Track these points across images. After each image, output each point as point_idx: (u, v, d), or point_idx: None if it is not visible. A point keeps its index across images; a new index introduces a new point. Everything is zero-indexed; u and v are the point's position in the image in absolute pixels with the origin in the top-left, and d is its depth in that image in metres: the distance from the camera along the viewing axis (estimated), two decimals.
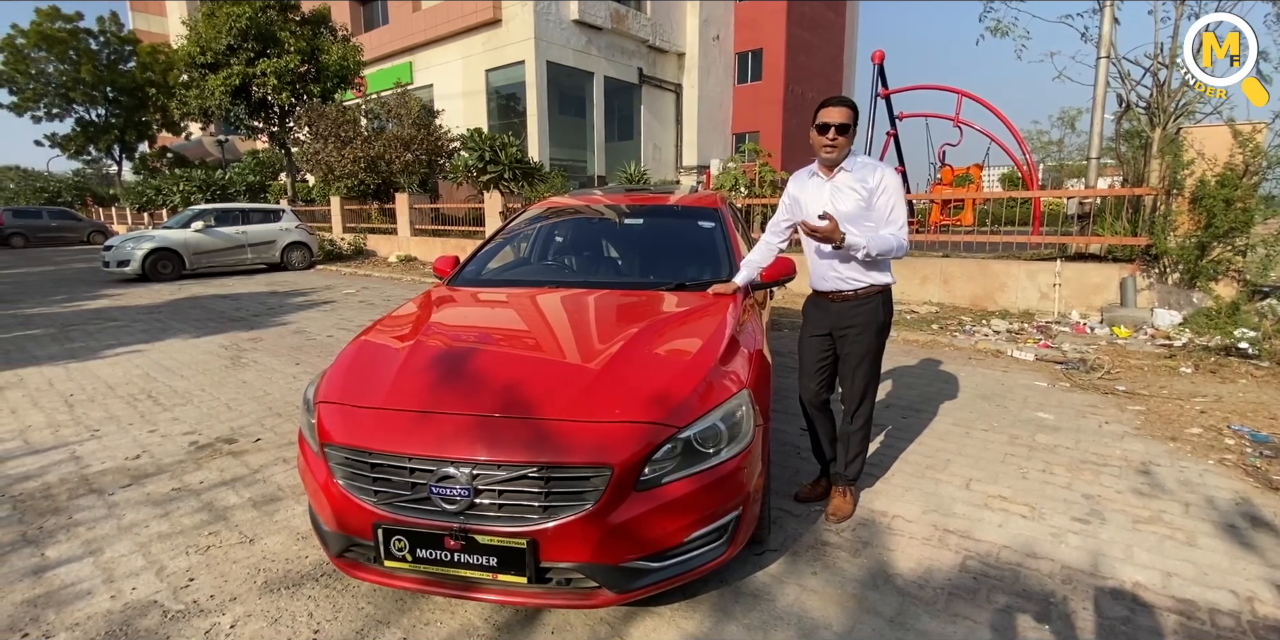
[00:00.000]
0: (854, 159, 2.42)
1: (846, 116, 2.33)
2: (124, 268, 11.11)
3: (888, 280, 2.51)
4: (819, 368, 2.64)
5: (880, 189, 2.36)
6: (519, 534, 1.68)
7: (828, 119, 2.33)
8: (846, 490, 2.63)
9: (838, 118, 2.32)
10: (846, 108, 2.34)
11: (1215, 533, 2.44)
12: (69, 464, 3.30)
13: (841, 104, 2.36)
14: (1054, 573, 2.19)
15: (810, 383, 2.66)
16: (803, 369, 2.70)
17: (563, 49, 19.67)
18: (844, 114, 2.33)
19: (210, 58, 14.91)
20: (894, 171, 2.45)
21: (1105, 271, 6.04)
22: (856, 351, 2.53)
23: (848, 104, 2.37)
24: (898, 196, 2.39)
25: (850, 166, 2.40)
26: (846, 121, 2.32)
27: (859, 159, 2.43)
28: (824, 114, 2.35)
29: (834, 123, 2.32)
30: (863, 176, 2.37)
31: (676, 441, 1.80)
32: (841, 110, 2.33)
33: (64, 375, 5.05)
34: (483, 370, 2.03)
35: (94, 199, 34.28)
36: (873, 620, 1.96)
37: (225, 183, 20.75)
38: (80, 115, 28.57)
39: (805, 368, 2.68)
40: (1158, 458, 3.13)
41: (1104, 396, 4.09)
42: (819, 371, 2.64)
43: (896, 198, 2.39)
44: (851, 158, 2.42)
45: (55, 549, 2.47)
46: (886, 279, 2.51)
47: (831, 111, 2.34)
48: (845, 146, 2.37)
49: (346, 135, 14.39)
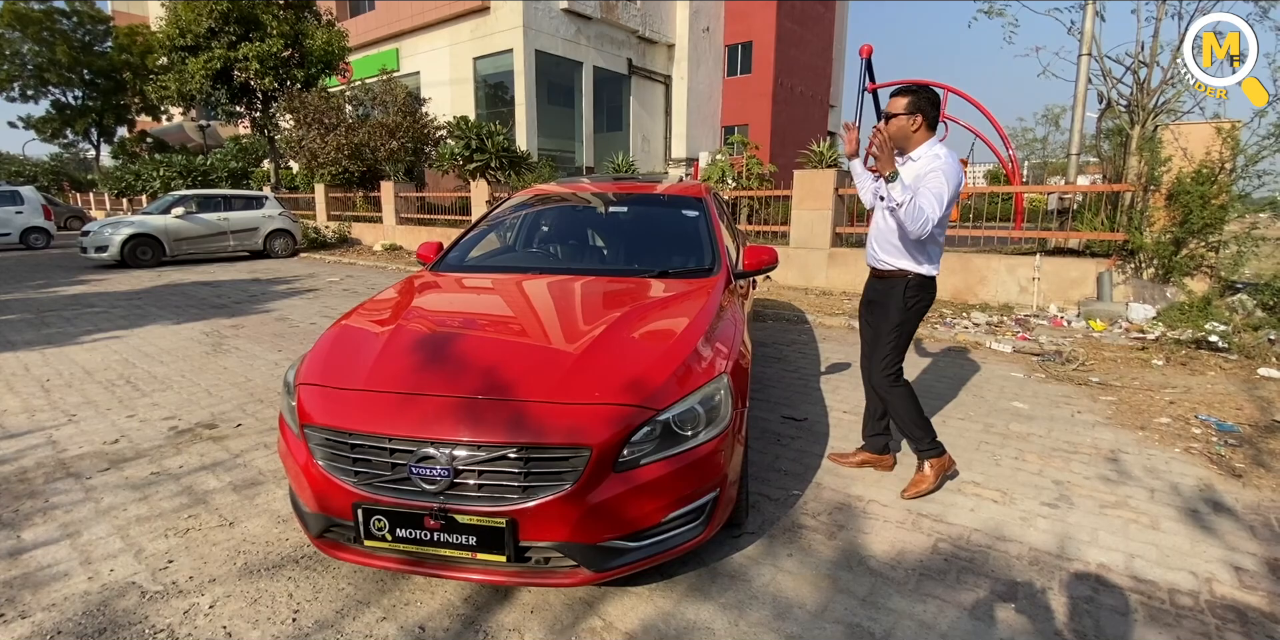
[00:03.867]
0: (929, 150, 2.49)
1: (894, 107, 2.51)
2: (102, 253, 10.92)
3: (919, 269, 2.58)
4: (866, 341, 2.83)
5: (928, 177, 2.41)
6: (498, 513, 1.70)
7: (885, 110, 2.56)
8: (922, 465, 2.70)
9: (888, 108, 2.54)
10: (897, 97, 2.51)
11: (1178, 517, 2.52)
12: (45, 448, 3.26)
13: (896, 94, 2.53)
14: (1022, 555, 2.26)
15: (865, 354, 2.86)
16: (861, 343, 2.91)
17: (552, 38, 19.48)
18: (892, 105, 2.52)
19: (190, 41, 14.59)
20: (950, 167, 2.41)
21: (1083, 266, 6.15)
22: (876, 328, 2.72)
23: (899, 93, 2.52)
24: (936, 184, 2.38)
25: (919, 155, 2.50)
26: (893, 111, 2.51)
27: (934, 151, 2.47)
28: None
29: (886, 112, 2.53)
30: (922, 166, 2.46)
31: (655, 424, 1.83)
32: (892, 101, 2.53)
33: (40, 360, 4.97)
34: (463, 353, 2.04)
35: (71, 184, 33.55)
36: (845, 599, 2.01)
37: (207, 169, 20.37)
38: (56, 97, 27.90)
39: (862, 342, 2.89)
40: (1126, 446, 3.22)
41: (1078, 387, 4.18)
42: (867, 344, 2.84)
43: (935, 185, 2.38)
44: (928, 147, 2.50)
45: (32, 532, 2.45)
46: (917, 267, 2.58)
47: (888, 103, 2.54)
48: (894, 132, 2.51)
49: (330, 122, 14.19)
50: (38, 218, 14.91)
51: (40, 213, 14.95)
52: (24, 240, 14.85)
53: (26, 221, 14.79)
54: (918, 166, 2.49)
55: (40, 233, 15.03)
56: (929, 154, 2.50)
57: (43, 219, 14.98)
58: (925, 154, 2.51)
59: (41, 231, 15.05)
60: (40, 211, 14.96)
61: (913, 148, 2.54)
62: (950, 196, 2.42)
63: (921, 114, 2.50)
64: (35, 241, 14.99)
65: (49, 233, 15.21)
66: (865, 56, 10.59)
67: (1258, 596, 2.03)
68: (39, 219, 14.92)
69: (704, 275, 2.73)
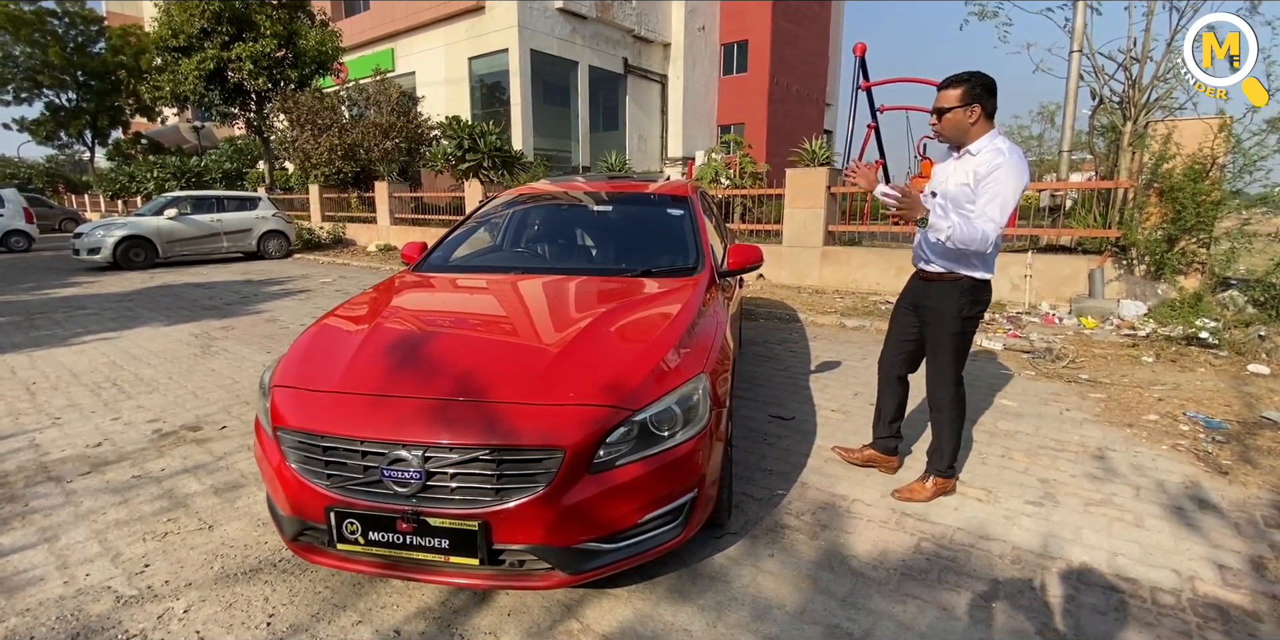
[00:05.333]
0: (991, 143, 2.30)
1: (943, 100, 2.34)
2: (95, 256, 10.88)
3: (973, 272, 2.41)
4: (899, 340, 2.72)
5: (991, 180, 2.23)
6: (471, 516, 1.68)
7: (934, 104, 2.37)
8: (929, 477, 2.62)
9: (937, 102, 2.36)
10: (948, 88, 2.33)
11: (1163, 515, 2.51)
12: (28, 452, 3.24)
13: (943, 87, 2.34)
14: (1005, 554, 2.24)
15: (888, 351, 2.77)
16: (886, 336, 2.80)
17: (547, 37, 19.45)
18: (942, 97, 2.34)
19: (183, 41, 14.54)
20: (1014, 165, 2.23)
21: (1075, 263, 6.14)
22: (932, 337, 2.58)
23: (949, 84, 2.32)
24: (1000, 187, 2.22)
25: (979, 149, 2.31)
26: (944, 105, 2.33)
27: (997, 144, 2.28)
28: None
29: (935, 107, 2.36)
30: (982, 162, 2.27)
31: (631, 425, 1.81)
32: (940, 94, 2.35)
33: (27, 363, 4.95)
34: (438, 354, 2.03)
35: (66, 186, 33.44)
36: (825, 600, 1.99)
37: (201, 170, 20.33)
38: (50, 99, 27.80)
39: (888, 336, 2.78)
40: (1114, 444, 3.21)
41: (1067, 385, 4.17)
42: (898, 343, 2.73)
43: (999, 188, 2.22)
44: (989, 139, 2.31)
45: (9, 536, 2.43)
46: (970, 271, 2.41)
47: (937, 96, 2.36)
48: (947, 129, 2.36)
49: (324, 122, 14.15)
50: (18, 220, 14.75)
51: (21, 215, 14.78)
52: (4, 243, 14.74)
53: (7, 224, 14.65)
54: (977, 163, 2.28)
55: (21, 235, 14.85)
56: (990, 148, 2.28)
57: (23, 222, 14.81)
58: (986, 147, 2.29)
59: (22, 234, 14.87)
60: (21, 214, 14.79)
61: (971, 141, 2.33)
62: (1017, 198, 2.24)
63: (979, 103, 2.29)
64: (16, 244, 14.86)
65: (30, 236, 15.02)
66: (859, 54, 10.58)
67: (1240, 595, 2.02)
68: (20, 222, 14.75)
69: (686, 274, 2.71)
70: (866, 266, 7.49)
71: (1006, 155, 2.26)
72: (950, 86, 2.33)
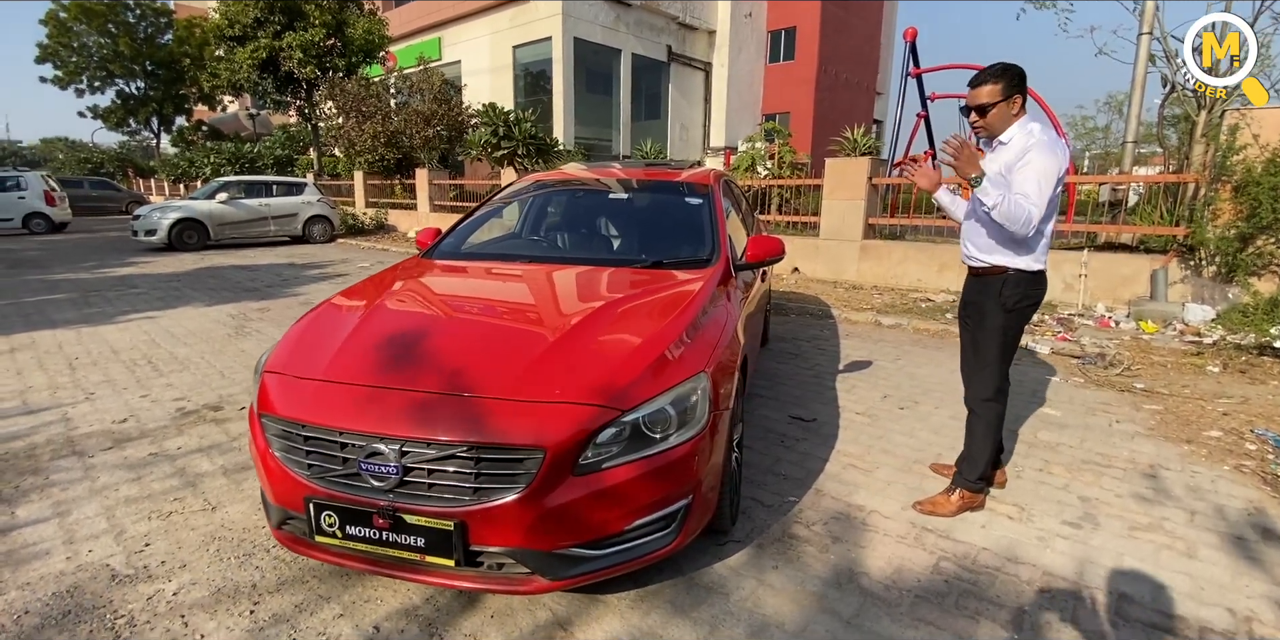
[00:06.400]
0: (1023, 129, 2.24)
1: (982, 97, 2.23)
2: (151, 237, 11.35)
3: (1017, 262, 2.29)
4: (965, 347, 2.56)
5: (1021, 164, 2.17)
6: (446, 515, 1.61)
7: (966, 103, 2.28)
8: (955, 490, 2.46)
9: (970, 99, 2.26)
10: (984, 85, 2.22)
11: (1219, 544, 2.26)
12: (59, 425, 3.35)
13: (978, 82, 2.24)
14: (1033, 579, 2.05)
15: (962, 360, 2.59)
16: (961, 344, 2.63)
17: (591, 25, 19.30)
18: (977, 95, 2.24)
19: (238, 31, 14.98)
20: (1046, 145, 2.16)
21: (1136, 262, 5.70)
22: (973, 334, 2.45)
23: (984, 80, 2.22)
24: (1032, 170, 2.15)
25: (1010, 137, 2.26)
26: (981, 102, 2.23)
27: (1029, 128, 2.23)
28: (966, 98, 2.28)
29: (970, 105, 2.26)
30: (1014, 149, 2.22)
31: (622, 425, 1.70)
32: (975, 91, 2.25)
33: (74, 339, 5.15)
34: (427, 346, 1.95)
35: (135, 170, 35.14)
36: (828, 621, 1.85)
37: (254, 156, 21.03)
38: (120, 88, 29.20)
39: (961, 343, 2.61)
40: (1168, 461, 2.93)
41: (1119, 394, 3.86)
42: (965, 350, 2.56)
43: (1029, 171, 2.15)
44: (1021, 125, 2.25)
45: (26, 508, 2.50)
46: (1016, 261, 2.29)
47: (969, 94, 2.26)
48: (993, 124, 2.26)
49: (368, 110, 14.39)
50: (39, 203, 14.80)
51: (42, 198, 14.83)
52: (26, 225, 14.81)
53: (29, 207, 14.72)
54: (1009, 151, 2.24)
55: (42, 218, 14.93)
56: (1021, 133, 2.24)
57: (44, 204, 14.85)
58: (1017, 134, 2.25)
59: (43, 217, 14.95)
60: (42, 197, 14.84)
61: (1004, 130, 2.28)
62: (1056, 179, 2.16)
63: (1019, 93, 2.25)
64: (36, 226, 14.93)
65: (50, 218, 15.05)
66: (909, 40, 10.10)
67: None
68: (40, 204, 14.80)
69: (700, 266, 2.57)
70: (907, 262, 7.16)
71: (1038, 136, 2.20)
72: (988, 82, 2.23)
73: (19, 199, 14.65)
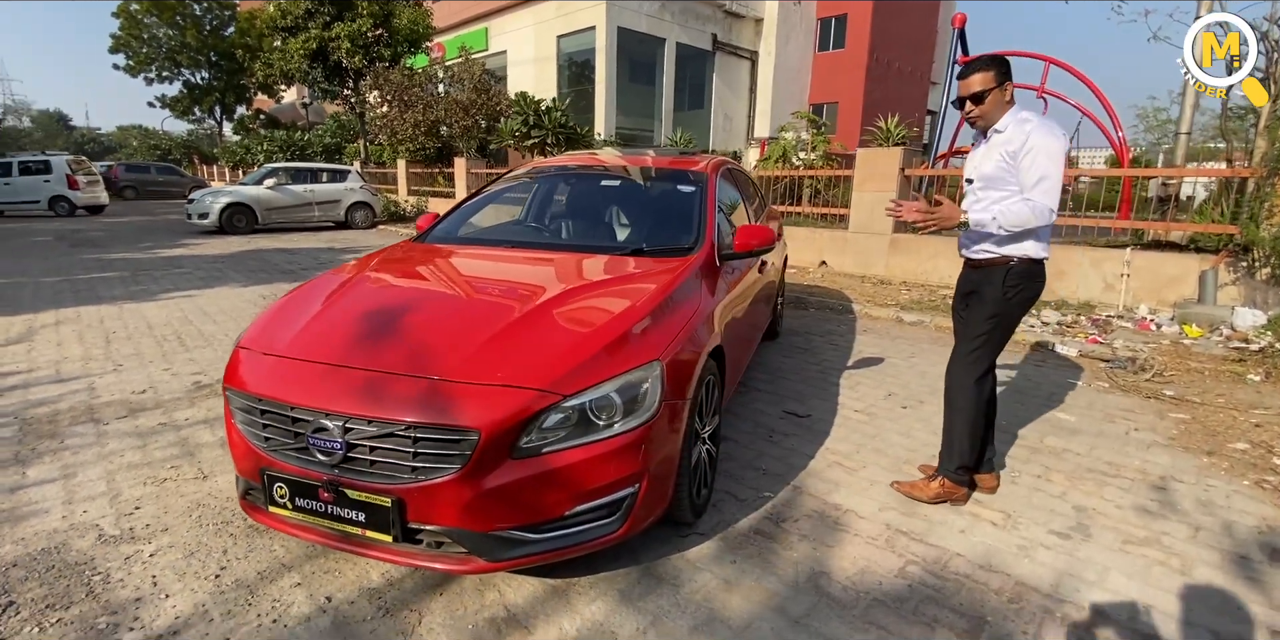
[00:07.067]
0: (1015, 116, 2.23)
1: (975, 85, 2.21)
2: (204, 220, 11.92)
3: (1024, 253, 2.25)
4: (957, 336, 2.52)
5: (1025, 150, 2.14)
6: (385, 491, 1.63)
7: (959, 94, 2.27)
8: (938, 477, 2.43)
9: (964, 90, 2.25)
10: (975, 74, 2.22)
11: (1220, 563, 2.10)
12: (84, 394, 3.55)
13: (968, 73, 2.23)
14: (1004, 589, 1.95)
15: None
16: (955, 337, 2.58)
17: (635, 14, 19.16)
18: (970, 84, 2.22)
19: (290, 22, 15.49)
20: (1042, 127, 2.16)
21: (1184, 262, 5.33)
22: (966, 320, 2.42)
23: (976, 69, 2.22)
24: (1043, 158, 2.12)
25: (1005, 126, 2.24)
26: (976, 90, 2.21)
27: (1022, 115, 2.22)
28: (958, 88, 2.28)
29: (964, 95, 2.24)
30: (1012, 137, 2.19)
31: (566, 411, 1.69)
32: (967, 81, 2.23)
33: (116, 314, 5.46)
34: (386, 326, 1.98)
35: (200, 156, 36.98)
36: (775, 619, 1.81)
37: (304, 144, 21.79)
38: (186, 78, 30.69)
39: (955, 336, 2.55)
40: (1182, 473, 2.74)
41: (1145, 401, 3.63)
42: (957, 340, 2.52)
43: (1042, 159, 2.12)
44: (1013, 114, 2.24)
45: (37, 469, 2.66)
46: (1021, 251, 2.25)
47: (961, 85, 2.25)
48: (989, 112, 2.24)
49: (409, 99, 14.69)
50: (61, 187, 15.51)
51: (65, 182, 15.53)
52: (51, 207, 15.53)
53: (53, 190, 15.46)
54: (1006, 138, 2.21)
55: (64, 201, 15.67)
56: (1014, 120, 2.21)
57: (66, 188, 15.54)
58: (1011, 122, 2.22)
59: (65, 200, 15.67)
60: (65, 181, 15.55)
61: (998, 119, 2.25)
62: (1063, 157, 2.14)
63: (1009, 81, 2.22)
64: (61, 209, 15.62)
65: (71, 202, 15.75)
66: (958, 26, 9.65)
67: None
68: (62, 188, 15.52)
69: (679, 255, 2.52)
70: (938, 257, 6.89)
71: (1034, 121, 2.19)
72: (979, 70, 2.22)
73: (44, 182, 15.46)
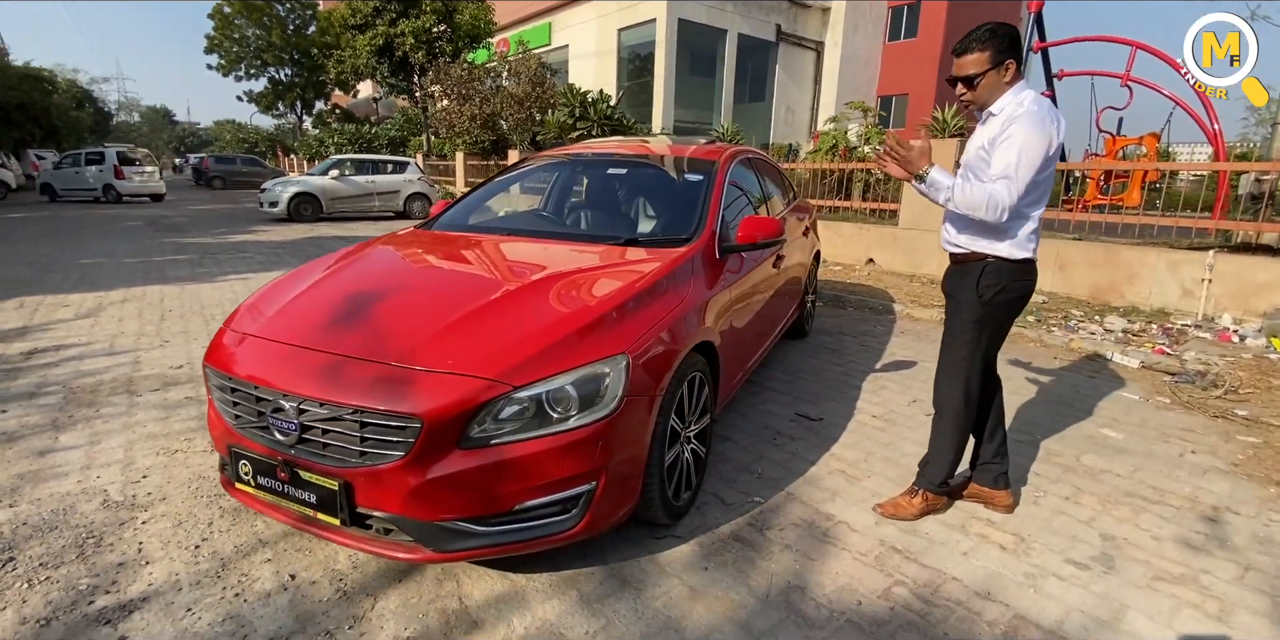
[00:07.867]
0: (1014, 98, 1.99)
1: (969, 66, 1.98)
2: (274, 208, 12.58)
3: (997, 250, 2.05)
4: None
5: (1002, 138, 1.94)
6: (334, 474, 1.63)
7: (953, 74, 2.05)
8: (918, 491, 2.27)
9: (957, 71, 2.03)
10: (967, 54, 1.99)
11: (1269, 612, 1.83)
12: (128, 367, 3.78)
13: (962, 52, 2.00)
14: (997, 621, 1.76)
15: None
16: None
17: (696, 6, 18.89)
18: (963, 64, 2.00)
19: (359, 19, 16.13)
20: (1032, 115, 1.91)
21: (1278, 268, 4.76)
22: (948, 324, 2.24)
23: (971, 44, 1.97)
24: (1013, 154, 1.90)
25: (1000, 107, 2.01)
26: (969, 73, 1.99)
27: (1019, 97, 1.98)
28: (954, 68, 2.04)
29: (957, 76, 2.03)
30: (1000, 120, 1.98)
31: (518, 401, 1.64)
32: (959, 61, 2.01)
33: (176, 293, 5.81)
34: (358, 310, 1.98)
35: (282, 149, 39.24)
36: (735, 633, 1.69)
37: (372, 137, 22.72)
38: (271, 75, 32.57)
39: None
40: (1241, 504, 2.42)
41: (1211, 421, 3.25)
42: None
43: (1011, 155, 1.90)
44: (1014, 94, 2.00)
45: (69, 435, 2.84)
46: (995, 248, 2.05)
47: (955, 64, 2.03)
48: (984, 94, 2.02)
49: (467, 93, 15.03)
50: (110, 176, 17.01)
51: (112, 172, 16.98)
52: (105, 194, 16.98)
53: (104, 179, 17.03)
54: (996, 123, 1.99)
55: (112, 190, 17.12)
56: (1012, 102, 1.98)
57: (113, 177, 17.00)
58: (1007, 104, 1.99)
59: (112, 189, 17.10)
60: (112, 171, 17.00)
61: (995, 100, 2.01)
62: (1044, 157, 1.89)
63: (1012, 58, 1.98)
64: (109, 196, 17.04)
65: (116, 190, 17.17)
66: (1035, 11, 8.99)
67: None
68: (110, 177, 17.01)
69: (675, 245, 2.41)
70: None
71: (1026, 107, 1.94)
72: (974, 48, 1.96)
73: (99, 172, 17.07)
